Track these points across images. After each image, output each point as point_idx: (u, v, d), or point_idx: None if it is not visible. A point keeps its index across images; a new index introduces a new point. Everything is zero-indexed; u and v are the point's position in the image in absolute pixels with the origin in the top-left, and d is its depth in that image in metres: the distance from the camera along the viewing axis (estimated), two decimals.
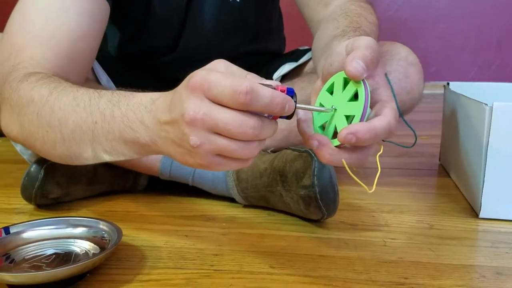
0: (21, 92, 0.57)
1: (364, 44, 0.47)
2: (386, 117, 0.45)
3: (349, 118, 0.46)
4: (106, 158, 0.54)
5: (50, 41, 0.63)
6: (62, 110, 0.54)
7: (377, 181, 0.49)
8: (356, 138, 0.43)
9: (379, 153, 0.47)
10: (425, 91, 0.90)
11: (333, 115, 0.48)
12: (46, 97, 0.55)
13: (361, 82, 0.45)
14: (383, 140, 0.47)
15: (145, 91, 0.51)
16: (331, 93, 0.49)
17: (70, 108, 0.54)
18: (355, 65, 0.44)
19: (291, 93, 0.43)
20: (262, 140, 0.44)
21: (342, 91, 0.47)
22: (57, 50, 0.63)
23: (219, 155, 0.44)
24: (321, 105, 0.50)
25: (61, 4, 0.64)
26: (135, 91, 0.53)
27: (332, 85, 0.49)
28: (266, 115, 0.43)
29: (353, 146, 0.46)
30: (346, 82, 0.47)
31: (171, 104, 0.45)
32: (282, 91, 0.43)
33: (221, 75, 0.41)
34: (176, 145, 0.46)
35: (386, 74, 0.48)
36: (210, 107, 0.42)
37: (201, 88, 0.42)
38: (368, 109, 0.45)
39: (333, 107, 0.48)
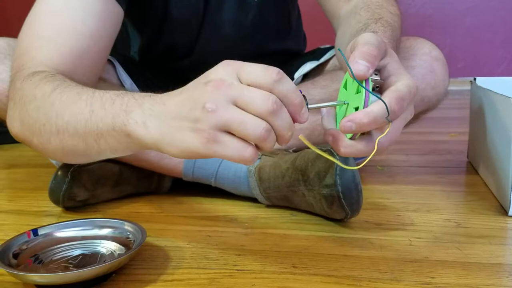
0: (25, 91, 0.59)
1: (362, 41, 0.47)
2: (384, 99, 0.46)
3: (357, 110, 0.47)
4: (97, 150, 0.54)
5: (54, 41, 0.64)
6: (62, 103, 0.55)
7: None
8: (356, 124, 0.45)
9: (381, 136, 0.47)
10: (453, 88, 0.89)
11: (346, 109, 0.49)
12: (49, 93, 0.56)
13: None
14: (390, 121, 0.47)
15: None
16: (347, 89, 0.51)
17: (71, 100, 0.54)
18: (357, 67, 0.45)
19: None
20: (272, 136, 0.44)
21: (352, 86, 0.49)
22: (61, 49, 0.64)
23: (226, 132, 0.43)
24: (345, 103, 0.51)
25: (69, 6, 0.66)
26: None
27: (346, 81, 0.51)
28: None
29: (366, 135, 0.48)
30: None
31: (185, 89, 0.46)
32: None
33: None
34: (178, 120, 0.45)
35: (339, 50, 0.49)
36: (238, 80, 0.44)
37: (234, 64, 0.44)
38: (371, 97, 0.46)
39: (346, 101, 0.49)
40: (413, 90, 0.47)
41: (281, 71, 0.44)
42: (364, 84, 0.46)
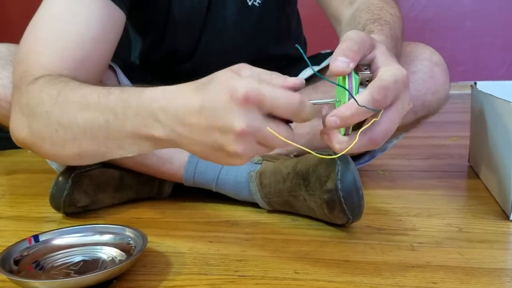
0: (31, 94, 0.59)
1: (344, 38, 0.48)
2: (365, 91, 0.46)
3: None
4: (120, 153, 0.55)
5: (56, 45, 0.64)
6: (71, 110, 0.55)
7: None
8: (339, 118, 0.45)
9: (364, 128, 0.47)
10: (454, 92, 0.89)
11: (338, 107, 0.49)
12: (56, 97, 0.56)
13: None
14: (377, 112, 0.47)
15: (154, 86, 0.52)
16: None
17: (79, 106, 0.55)
18: (335, 64, 0.45)
19: None
20: None
21: (341, 83, 0.49)
22: (64, 53, 0.64)
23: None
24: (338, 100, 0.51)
25: (71, 10, 0.66)
26: (145, 86, 0.53)
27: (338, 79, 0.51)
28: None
29: (357, 130, 0.48)
30: None
31: (207, 109, 0.46)
32: None
33: (271, 87, 0.44)
34: (204, 147, 0.47)
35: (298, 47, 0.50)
36: (262, 122, 0.45)
37: (255, 102, 0.44)
38: (355, 91, 0.46)
39: (336, 99, 0.49)
40: (400, 80, 0.46)
41: (302, 99, 0.45)
42: (347, 79, 0.46)
